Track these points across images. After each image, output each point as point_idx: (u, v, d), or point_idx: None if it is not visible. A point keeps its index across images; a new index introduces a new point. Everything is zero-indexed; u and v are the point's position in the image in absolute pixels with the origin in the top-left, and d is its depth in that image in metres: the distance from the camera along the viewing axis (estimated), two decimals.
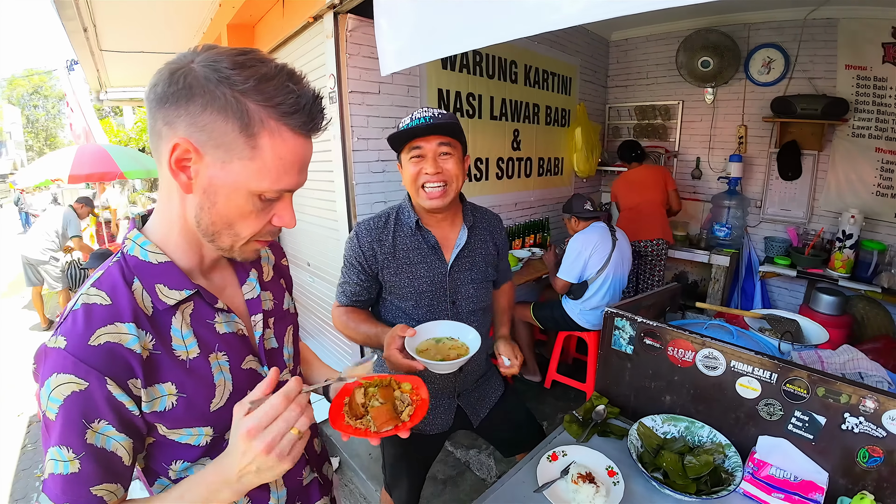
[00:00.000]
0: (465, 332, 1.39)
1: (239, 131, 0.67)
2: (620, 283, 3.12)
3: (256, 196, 0.72)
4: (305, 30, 2.86)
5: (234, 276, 0.92)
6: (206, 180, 0.70)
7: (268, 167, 0.70)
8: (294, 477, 0.97)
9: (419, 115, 1.42)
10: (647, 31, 4.77)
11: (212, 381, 0.79)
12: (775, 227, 4.35)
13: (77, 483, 0.67)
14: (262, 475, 0.68)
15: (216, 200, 0.72)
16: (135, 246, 0.77)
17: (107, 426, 0.69)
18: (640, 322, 1.55)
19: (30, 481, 3.05)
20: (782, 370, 1.27)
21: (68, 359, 0.66)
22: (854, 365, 1.62)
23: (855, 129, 3.79)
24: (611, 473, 1.30)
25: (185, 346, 0.77)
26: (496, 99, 3.64)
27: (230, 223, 0.74)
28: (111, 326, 0.70)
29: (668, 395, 1.53)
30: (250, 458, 0.67)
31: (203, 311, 0.81)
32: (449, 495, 2.58)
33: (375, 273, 1.52)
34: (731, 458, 1.29)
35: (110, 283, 0.73)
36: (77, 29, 3.92)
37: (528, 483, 1.30)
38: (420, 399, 0.91)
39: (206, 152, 0.68)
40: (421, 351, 1.31)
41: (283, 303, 1.02)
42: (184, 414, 0.76)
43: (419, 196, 1.45)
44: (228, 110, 0.66)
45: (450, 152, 1.42)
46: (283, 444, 0.67)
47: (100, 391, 0.67)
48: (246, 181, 0.70)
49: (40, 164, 5.96)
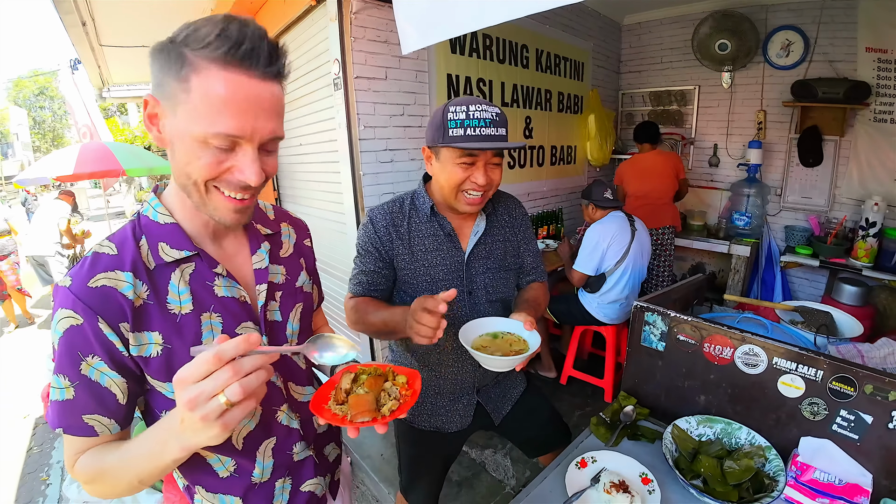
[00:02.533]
0: (520, 328, 1.28)
1: (174, 77, 0.71)
2: (640, 275, 3.03)
3: (202, 142, 0.72)
4: (308, 14, 2.78)
5: (246, 246, 0.96)
6: (167, 132, 0.75)
7: (199, 109, 0.71)
8: (283, 451, 0.97)
9: (478, 114, 1.28)
10: (661, 14, 4.64)
11: (200, 338, 0.83)
12: (796, 216, 4.24)
13: (71, 409, 0.76)
14: (196, 434, 0.65)
15: (175, 150, 0.76)
16: (149, 208, 0.85)
17: (99, 362, 0.76)
18: (673, 316, 1.45)
19: (35, 485, 3.02)
20: (829, 367, 1.18)
21: (69, 296, 0.75)
22: (895, 359, 1.55)
23: (877, 113, 3.67)
24: (645, 481, 1.21)
25: (179, 301, 0.82)
26: (507, 85, 3.54)
27: (187, 172, 0.76)
28: (111, 273, 0.77)
29: (702, 394, 1.43)
30: (179, 411, 0.64)
31: (203, 273, 0.85)
32: (465, 497, 2.50)
33: (391, 259, 1.44)
34: (772, 461, 1.21)
35: (121, 238, 0.82)
36: (76, 23, 3.89)
37: (556, 493, 1.21)
38: (411, 392, 0.86)
39: (162, 103, 0.74)
40: (478, 347, 1.22)
41: (297, 280, 1.04)
42: (166, 364, 0.80)
43: (457, 199, 1.37)
44: (170, 61, 0.71)
45: (499, 162, 1.36)
46: (208, 407, 0.61)
47: (92, 328, 0.74)
48: (187, 126, 0.72)
49: (44, 163, 5.98)
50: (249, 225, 0.97)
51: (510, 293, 1.57)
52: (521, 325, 1.27)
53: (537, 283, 1.64)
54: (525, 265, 1.60)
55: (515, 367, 1.18)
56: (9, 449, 3.43)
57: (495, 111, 1.31)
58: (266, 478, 0.94)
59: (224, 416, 0.62)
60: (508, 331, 1.30)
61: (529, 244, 1.61)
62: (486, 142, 1.27)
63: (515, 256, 1.57)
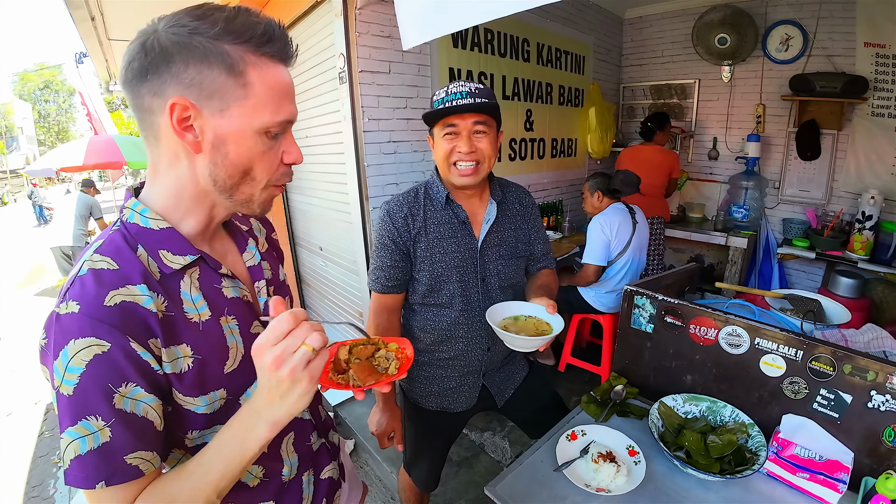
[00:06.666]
0: (543, 312, 1.34)
1: (226, 74, 0.68)
2: (640, 266, 3.07)
3: (263, 134, 0.73)
4: (314, 9, 2.82)
5: (233, 244, 0.93)
6: (212, 134, 0.70)
7: (263, 100, 0.71)
8: (302, 443, 0.98)
9: (455, 90, 1.37)
10: (661, 8, 4.67)
11: (225, 343, 0.79)
12: (793, 209, 4.27)
13: (109, 454, 0.64)
14: (286, 396, 0.66)
15: (227, 151, 0.72)
16: (134, 214, 0.76)
17: (135, 388, 0.66)
18: (661, 300, 1.52)
19: (47, 468, 3.11)
20: (808, 347, 1.24)
21: (85, 321, 0.64)
22: (878, 343, 1.60)
23: (875, 107, 3.70)
24: (631, 453, 1.28)
25: (195, 308, 0.77)
26: (508, 78, 3.58)
27: (246, 170, 0.74)
28: (122, 289, 0.68)
29: (689, 374, 1.50)
30: (266, 379, 0.66)
31: (209, 276, 0.81)
32: (464, 476, 2.58)
33: (409, 250, 1.48)
34: (754, 437, 1.27)
35: (114, 249, 0.72)
36: (84, 18, 3.93)
37: (548, 462, 1.28)
38: (405, 357, 0.90)
39: (203, 105, 0.68)
40: (502, 328, 1.27)
41: (279, 273, 1.04)
42: (199, 377, 0.75)
43: (451, 173, 1.42)
44: (209, 58, 0.67)
45: (484, 130, 1.39)
46: (295, 358, 0.64)
47: (123, 351, 0.65)
48: (249, 121, 0.71)
49: (54, 155, 6.08)
50: (230, 222, 0.94)
51: (521, 280, 1.62)
52: (544, 309, 1.32)
53: (547, 269, 1.69)
54: (535, 252, 1.64)
55: (539, 347, 1.22)
56: (20, 433, 3.53)
57: (475, 85, 1.37)
58: (294, 474, 0.95)
59: (309, 366, 0.65)
60: (530, 314, 1.35)
61: (539, 232, 1.65)
62: (460, 109, 1.34)
63: (526, 244, 1.61)
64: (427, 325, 1.54)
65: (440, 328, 1.53)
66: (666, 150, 4.07)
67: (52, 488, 2.91)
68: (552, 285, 1.61)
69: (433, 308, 1.53)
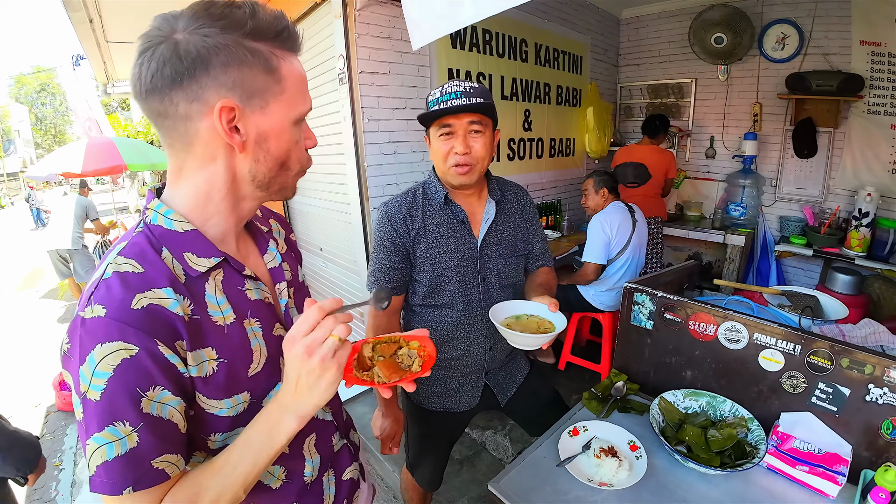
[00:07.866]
0: (545, 310, 1.34)
1: (264, 72, 0.70)
2: (639, 265, 3.09)
3: (296, 124, 0.77)
4: (313, 10, 2.83)
5: (254, 246, 0.92)
6: (255, 132, 0.73)
7: (294, 93, 0.75)
8: (324, 444, 0.98)
9: (450, 90, 1.37)
10: (658, 8, 4.70)
11: (249, 346, 0.79)
12: (790, 206, 4.29)
13: (137, 458, 0.64)
14: (313, 391, 0.70)
15: (269, 147, 0.75)
16: (158, 216, 0.75)
17: (163, 391, 0.66)
18: (660, 297, 1.53)
19: (48, 470, 3.09)
20: (806, 342, 1.25)
21: (112, 325, 0.63)
22: (875, 338, 1.61)
23: (870, 105, 3.72)
24: (633, 448, 1.30)
25: (220, 311, 0.76)
26: (507, 78, 3.60)
27: (284, 163, 0.78)
28: (149, 292, 0.67)
29: (688, 370, 1.51)
30: (296, 369, 0.69)
31: (233, 279, 0.80)
32: (466, 475, 2.59)
33: (408, 251, 1.48)
34: (754, 431, 1.28)
35: (138, 252, 0.71)
36: (83, 20, 3.93)
37: (550, 458, 1.29)
38: (427, 355, 0.91)
39: (245, 105, 0.70)
40: (505, 327, 1.27)
41: (298, 275, 1.04)
42: (224, 380, 0.75)
43: (448, 173, 1.43)
44: (247, 58, 0.68)
45: (480, 130, 1.39)
46: (323, 348, 0.68)
47: (151, 354, 0.65)
48: (286, 115, 0.75)
49: (52, 158, 6.05)
50: (251, 224, 0.93)
51: (521, 278, 1.62)
52: (546, 307, 1.32)
53: (546, 267, 1.69)
54: (534, 251, 1.65)
55: (542, 345, 1.22)
56: None
57: (470, 84, 1.37)
58: (316, 475, 0.94)
59: (337, 355, 0.69)
60: (533, 313, 1.36)
61: (537, 231, 1.66)
62: (455, 109, 1.34)
63: (525, 242, 1.62)
64: (428, 327, 1.53)
65: (442, 329, 1.53)
66: (662, 150, 4.09)
67: (53, 491, 2.91)
68: (551, 283, 1.61)
69: (434, 309, 1.53)
